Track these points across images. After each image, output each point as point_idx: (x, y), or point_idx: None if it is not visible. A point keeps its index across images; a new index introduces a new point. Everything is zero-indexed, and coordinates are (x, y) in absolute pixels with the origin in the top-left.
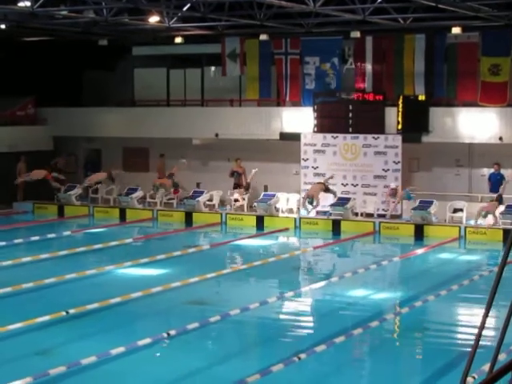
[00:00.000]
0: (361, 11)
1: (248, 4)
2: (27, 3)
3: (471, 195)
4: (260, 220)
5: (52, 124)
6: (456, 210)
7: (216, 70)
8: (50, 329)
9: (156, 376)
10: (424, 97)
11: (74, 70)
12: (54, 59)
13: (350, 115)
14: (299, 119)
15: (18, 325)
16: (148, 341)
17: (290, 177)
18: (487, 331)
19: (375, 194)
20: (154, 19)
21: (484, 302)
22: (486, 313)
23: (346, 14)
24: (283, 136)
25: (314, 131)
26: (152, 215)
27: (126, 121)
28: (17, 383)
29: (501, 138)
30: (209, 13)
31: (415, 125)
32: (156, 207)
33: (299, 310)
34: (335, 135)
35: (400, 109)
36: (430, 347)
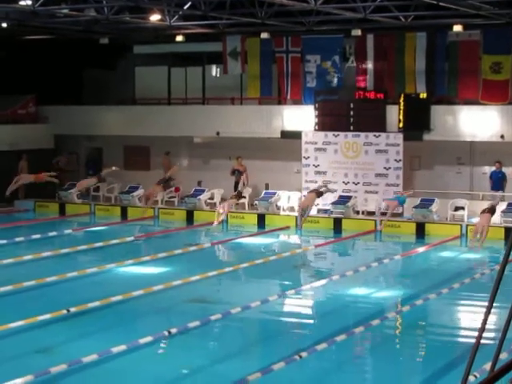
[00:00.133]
0: (362, 9)
1: (249, 2)
2: (28, 2)
3: (472, 193)
4: (261, 218)
5: (53, 122)
6: (457, 208)
7: (219, 70)
8: (51, 327)
9: (157, 374)
10: (425, 95)
11: (75, 69)
12: (55, 58)
13: (352, 113)
14: (300, 117)
15: (19, 323)
16: (149, 339)
17: (291, 175)
18: (489, 330)
19: (376, 193)
20: (155, 17)
21: (485, 301)
22: (488, 311)
23: (347, 12)
24: (284, 134)
25: (315, 129)
26: (153, 213)
27: (127, 119)
28: (18, 381)
29: (502, 136)
30: (210, 11)
31: (416, 123)
32: (157, 205)
33: (300, 309)
34: (336, 133)
35: (401, 107)
36: (432, 345)
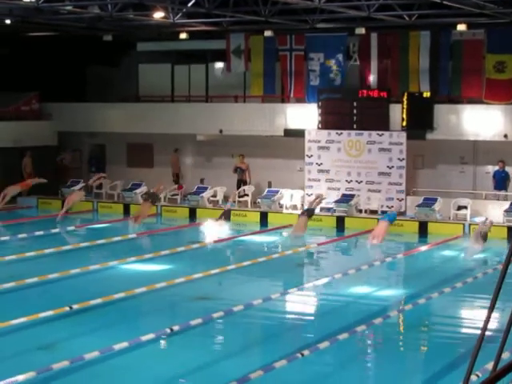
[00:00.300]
0: (366, 8)
1: (253, 0)
2: None
3: (475, 192)
4: (264, 216)
5: (56, 119)
6: (460, 208)
7: (223, 69)
8: (54, 324)
9: (159, 371)
10: (429, 94)
11: (79, 66)
12: (59, 54)
13: (355, 112)
14: (303, 115)
15: (22, 319)
16: (151, 336)
17: (294, 173)
18: (491, 329)
19: (379, 191)
20: (159, 15)
21: (488, 300)
22: (490, 311)
23: (351, 11)
24: (287, 132)
25: (319, 128)
26: (156, 211)
27: (131, 116)
28: (20, 378)
29: (506, 136)
30: (213, 9)
31: (420, 122)
32: (160, 203)
33: (302, 307)
34: (339, 132)
35: (405, 106)
36: (434, 344)
